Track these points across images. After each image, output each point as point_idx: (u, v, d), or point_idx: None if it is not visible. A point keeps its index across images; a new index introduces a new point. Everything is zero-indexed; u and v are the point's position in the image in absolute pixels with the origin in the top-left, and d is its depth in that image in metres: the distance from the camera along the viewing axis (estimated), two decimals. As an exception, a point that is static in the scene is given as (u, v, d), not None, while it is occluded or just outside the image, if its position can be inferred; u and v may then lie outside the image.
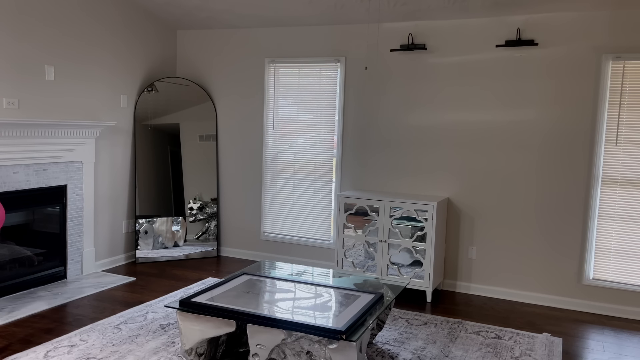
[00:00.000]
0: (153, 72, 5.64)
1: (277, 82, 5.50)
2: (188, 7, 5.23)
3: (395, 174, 5.05)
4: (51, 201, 4.58)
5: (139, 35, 5.41)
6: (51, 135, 4.44)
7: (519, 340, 3.74)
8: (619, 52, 4.22)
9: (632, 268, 4.29)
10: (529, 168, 4.57)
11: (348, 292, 3.36)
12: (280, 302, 3.14)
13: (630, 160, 4.26)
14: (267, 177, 5.62)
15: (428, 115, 4.88)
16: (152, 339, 3.54)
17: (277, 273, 3.80)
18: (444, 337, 3.75)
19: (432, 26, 4.81)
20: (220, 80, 5.77)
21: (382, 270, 4.63)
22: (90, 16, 4.85)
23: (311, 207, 5.43)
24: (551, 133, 4.48)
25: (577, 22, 4.34)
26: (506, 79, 4.59)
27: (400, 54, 4.93)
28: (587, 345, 3.72)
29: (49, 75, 4.50)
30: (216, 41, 5.75)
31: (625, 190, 4.29)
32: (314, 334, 2.75)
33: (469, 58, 4.70)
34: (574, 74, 4.37)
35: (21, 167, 4.27)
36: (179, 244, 5.66)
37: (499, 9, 4.44)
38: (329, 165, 5.33)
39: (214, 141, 5.82)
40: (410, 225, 4.54)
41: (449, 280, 4.91)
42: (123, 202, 5.40)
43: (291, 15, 5.11)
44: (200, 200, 5.76)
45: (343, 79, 5.17)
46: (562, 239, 4.49)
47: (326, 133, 5.31)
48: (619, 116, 4.27)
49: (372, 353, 3.44)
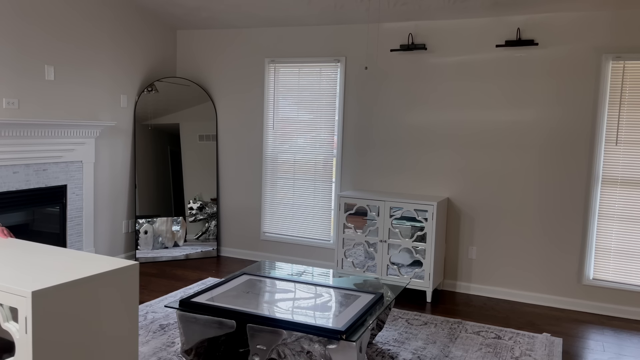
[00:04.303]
0: (153, 72, 5.64)
1: (277, 82, 5.50)
2: (188, 7, 5.23)
3: (395, 174, 5.05)
4: (51, 201, 4.58)
5: (139, 35, 5.41)
6: (51, 135, 4.44)
7: (519, 340, 3.74)
8: (619, 52, 4.22)
9: (632, 268, 4.29)
10: (529, 168, 4.57)
11: (348, 292, 3.36)
12: (280, 302, 3.14)
13: (630, 160, 4.26)
14: (267, 177, 5.62)
15: (428, 115, 4.88)
16: (152, 339, 3.54)
17: (277, 273, 3.80)
18: (444, 337, 3.75)
19: (432, 26, 4.81)
20: (220, 80, 5.77)
21: (382, 270, 4.63)
22: (91, 16, 4.85)
23: (311, 207, 5.43)
24: (551, 133, 4.48)
25: (577, 22, 4.33)
26: (506, 79, 4.59)
27: (400, 54, 4.93)
28: (587, 345, 3.72)
29: (49, 75, 4.50)
30: (216, 41, 5.75)
31: (625, 190, 4.29)
32: (313, 334, 2.75)
33: (469, 58, 4.70)
34: (574, 74, 4.37)
35: (21, 167, 4.27)
36: (179, 244, 5.66)
37: (499, 9, 4.44)
38: (329, 165, 5.33)
39: (214, 141, 5.82)
40: (410, 225, 4.54)
41: (449, 280, 4.91)
42: (123, 202, 5.40)
43: (291, 15, 5.11)
44: (200, 200, 5.76)
45: (343, 79, 5.17)
46: (562, 239, 4.49)
47: (326, 133, 5.31)
48: (619, 116, 4.27)
49: (372, 353, 3.44)
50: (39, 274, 2.03)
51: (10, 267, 2.12)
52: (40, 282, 1.91)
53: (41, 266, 2.14)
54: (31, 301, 1.82)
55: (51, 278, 1.97)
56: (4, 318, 1.93)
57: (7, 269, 2.10)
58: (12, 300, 1.87)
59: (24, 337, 1.84)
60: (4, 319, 1.93)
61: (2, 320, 1.93)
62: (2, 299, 1.91)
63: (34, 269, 2.10)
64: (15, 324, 1.91)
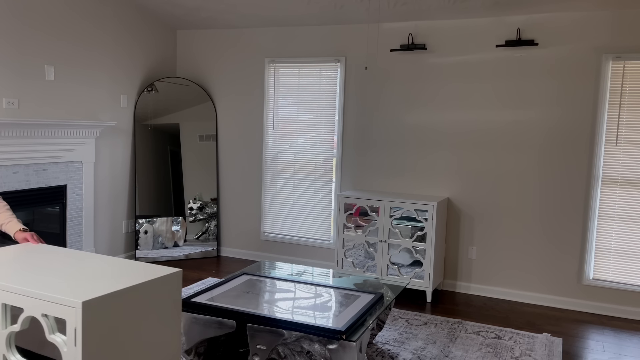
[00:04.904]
0: (153, 72, 5.64)
1: (277, 82, 5.50)
2: (188, 7, 5.23)
3: (396, 174, 5.05)
4: (51, 201, 4.58)
5: (139, 35, 5.41)
6: (51, 135, 4.44)
7: (519, 340, 3.74)
8: (619, 52, 4.22)
9: (632, 268, 4.29)
10: (529, 168, 4.57)
11: (348, 292, 3.36)
12: (280, 302, 3.14)
13: (630, 160, 4.26)
14: (267, 177, 5.62)
15: (428, 115, 4.88)
16: (152, 339, 3.54)
17: (277, 273, 3.80)
18: (444, 337, 3.75)
19: (432, 26, 4.81)
20: (220, 80, 5.77)
21: (382, 270, 4.63)
22: (91, 16, 4.85)
23: (311, 207, 5.43)
24: (551, 133, 4.48)
25: (577, 22, 4.33)
26: (506, 79, 4.59)
27: (400, 54, 4.93)
28: (587, 345, 3.72)
29: (49, 75, 4.50)
30: (216, 41, 5.75)
31: (625, 190, 4.29)
32: (313, 334, 2.75)
33: (469, 58, 4.70)
34: (574, 74, 4.37)
35: (21, 167, 4.27)
36: (179, 244, 5.66)
37: (499, 9, 4.44)
38: (329, 165, 5.33)
39: (214, 141, 5.82)
40: (410, 225, 4.54)
41: (449, 280, 4.91)
42: (123, 202, 5.39)
43: (291, 15, 5.11)
44: (200, 200, 5.76)
45: (343, 79, 5.17)
46: (562, 239, 4.49)
47: (326, 133, 5.31)
48: (619, 116, 4.27)
49: (372, 353, 3.44)
50: (85, 282, 1.92)
51: (51, 276, 2.01)
52: (89, 292, 1.80)
53: (83, 274, 2.04)
54: (81, 312, 1.71)
55: (99, 287, 1.87)
56: (50, 330, 1.81)
57: (49, 277, 1.99)
58: (59, 310, 1.75)
59: (72, 349, 1.74)
60: (50, 331, 1.81)
61: (47, 332, 1.80)
62: (48, 310, 1.79)
63: (78, 277, 2.00)
64: (62, 336, 1.79)
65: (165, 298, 2.09)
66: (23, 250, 2.45)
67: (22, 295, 1.85)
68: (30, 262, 2.23)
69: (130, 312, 1.92)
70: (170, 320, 2.12)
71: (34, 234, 2.70)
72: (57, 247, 2.51)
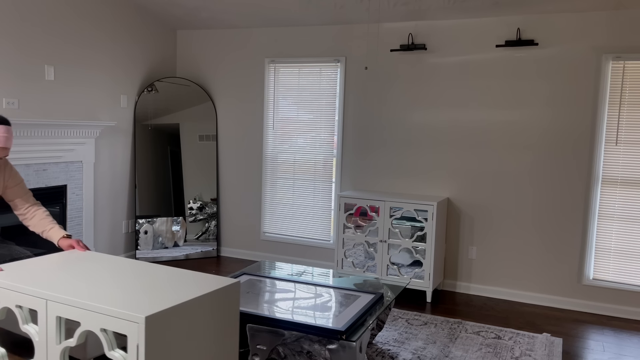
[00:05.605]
0: (153, 72, 5.64)
1: (277, 82, 5.50)
2: (188, 7, 5.23)
3: (396, 174, 5.05)
4: (51, 201, 4.58)
5: (139, 35, 5.41)
6: (51, 135, 4.44)
7: (519, 340, 3.74)
8: (619, 52, 4.22)
9: (632, 268, 4.29)
10: (529, 168, 4.57)
11: (348, 292, 3.36)
12: (280, 302, 3.14)
13: (630, 160, 4.26)
14: (267, 177, 5.62)
15: (428, 115, 4.88)
16: (152, 339, 3.53)
17: (277, 273, 3.80)
18: (444, 337, 3.75)
19: (432, 26, 4.81)
20: (220, 80, 5.77)
21: (382, 271, 4.63)
22: (91, 16, 4.85)
23: (311, 207, 5.43)
24: (551, 133, 4.48)
25: (577, 22, 4.33)
26: (506, 79, 4.59)
27: (400, 54, 4.93)
28: (587, 346, 3.72)
29: (49, 76, 4.50)
30: (216, 41, 5.75)
31: (625, 190, 4.29)
32: (313, 334, 2.75)
33: (469, 58, 4.70)
34: (574, 74, 4.37)
35: (21, 167, 4.27)
36: (179, 244, 5.66)
37: (499, 9, 4.44)
38: (329, 166, 5.33)
39: (214, 141, 5.82)
40: (410, 225, 4.54)
41: (449, 280, 4.91)
42: (123, 202, 5.40)
43: (291, 15, 5.11)
44: (200, 200, 5.76)
45: (343, 79, 5.17)
46: (562, 239, 4.49)
47: (326, 133, 5.31)
48: (619, 116, 4.27)
49: (372, 353, 3.44)
50: (144, 294, 1.81)
51: (107, 287, 1.89)
52: (151, 306, 1.70)
53: (140, 285, 1.93)
54: (144, 327, 1.61)
55: (160, 300, 1.76)
56: (110, 346, 1.71)
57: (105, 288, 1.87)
58: (120, 325, 1.65)
59: None
60: (110, 347, 1.71)
61: (107, 348, 1.71)
62: (108, 324, 1.68)
63: (135, 288, 1.89)
64: (122, 352, 1.70)
65: (226, 309, 1.99)
66: (71, 258, 2.33)
67: (79, 308, 1.74)
68: (80, 271, 2.12)
69: (191, 325, 1.82)
70: (229, 332, 2.02)
71: (80, 241, 2.59)
72: (105, 255, 2.41)
